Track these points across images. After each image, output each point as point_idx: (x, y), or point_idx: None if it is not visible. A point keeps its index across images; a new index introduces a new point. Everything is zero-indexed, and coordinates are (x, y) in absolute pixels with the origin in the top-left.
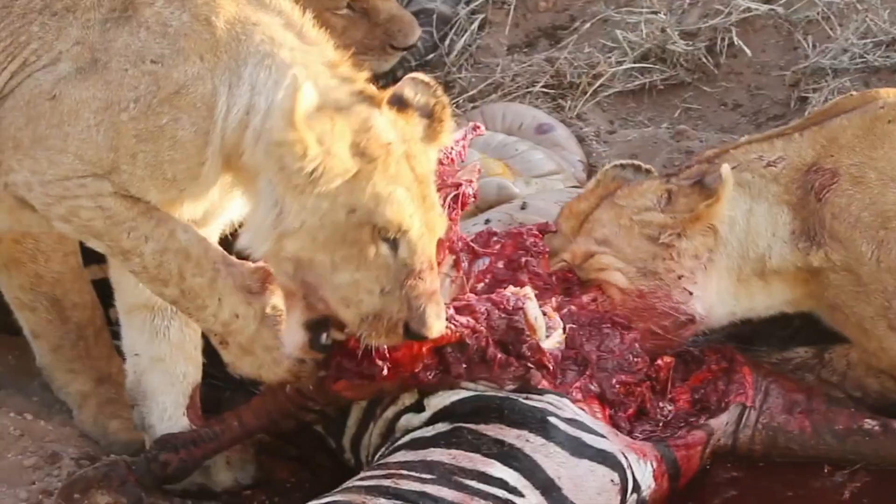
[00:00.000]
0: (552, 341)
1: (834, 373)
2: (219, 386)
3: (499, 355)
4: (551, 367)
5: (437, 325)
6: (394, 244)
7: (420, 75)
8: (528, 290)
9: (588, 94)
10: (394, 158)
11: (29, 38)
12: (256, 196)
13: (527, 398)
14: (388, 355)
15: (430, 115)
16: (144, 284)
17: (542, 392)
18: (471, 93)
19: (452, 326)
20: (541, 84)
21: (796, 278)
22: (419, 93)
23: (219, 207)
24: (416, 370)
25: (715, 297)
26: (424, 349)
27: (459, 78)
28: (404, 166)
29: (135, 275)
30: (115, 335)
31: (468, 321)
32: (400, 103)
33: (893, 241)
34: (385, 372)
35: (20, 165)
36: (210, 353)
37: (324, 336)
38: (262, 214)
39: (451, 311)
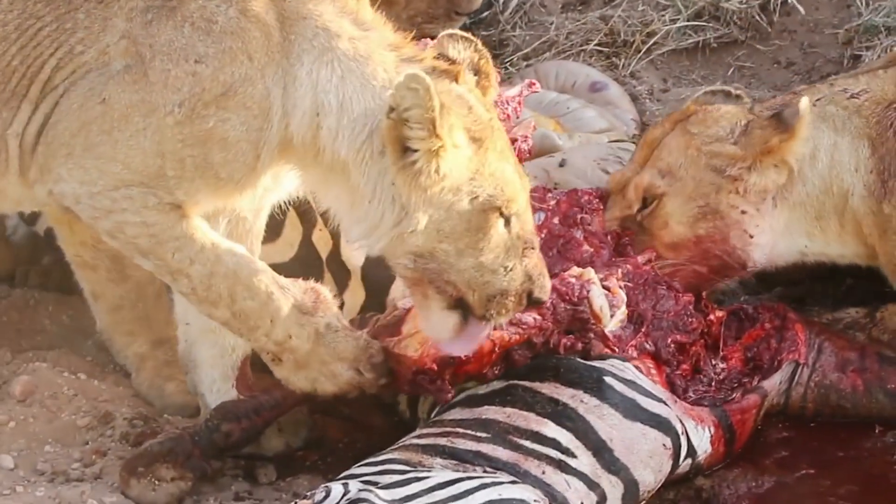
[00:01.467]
0: (616, 320)
1: (885, 331)
2: None
3: (563, 340)
4: (616, 350)
5: (549, 286)
6: (507, 220)
7: (456, 31)
8: (592, 274)
9: (641, 53)
10: (495, 133)
11: (75, 26)
12: (354, 192)
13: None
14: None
15: (475, 71)
16: (195, 306)
17: (604, 357)
18: (524, 51)
19: (521, 330)
20: (594, 42)
21: (870, 230)
22: (460, 49)
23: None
24: (484, 371)
25: (783, 233)
26: (495, 354)
27: (513, 36)
28: (501, 137)
29: (184, 296)
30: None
31: (535, 319)
32: (448, 62)
33: None
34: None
35: (70, 175)
36: None
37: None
38: (376, 212)
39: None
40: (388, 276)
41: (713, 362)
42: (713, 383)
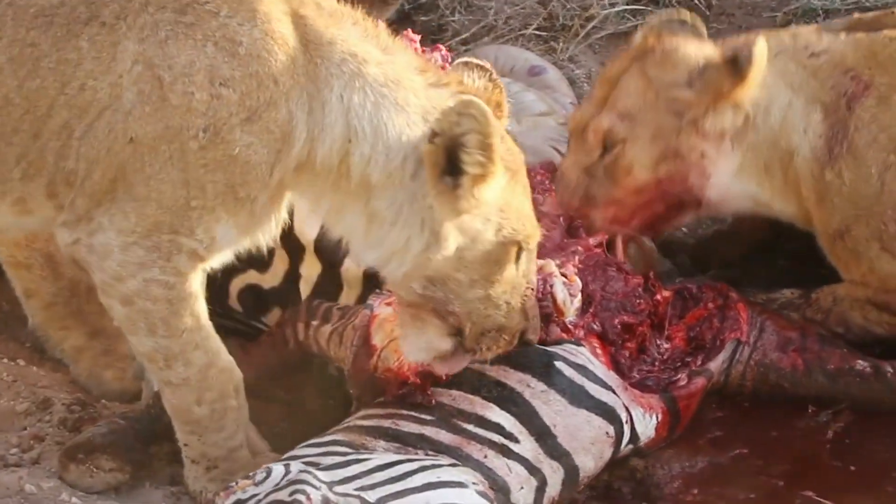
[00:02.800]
0: (574, 307)
1: (819, 311)
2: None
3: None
4: (579, 335)
5: (539, 328)
6: (519, 256)
7: (472, 59)
8: (553, 266)
9: (580, 37)
10: (523, 166)
11: (79, 57)
12: (374, 217)
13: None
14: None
15: (487, 101)
16: (172, 399)
17: (559, 342)
18: (463, 35)
19: None
20: (533, 27)
21: (808, 194)
22: (475, 78)
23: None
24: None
25: (737, 175)
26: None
27: (452, 21)
28: (524, 171)
29: (168, 386)
30: None
31: None
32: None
33: None
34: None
35: (111, 223)
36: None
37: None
38: (399, 237)
39: None
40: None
41: (657, 342)
42: (656, 363)
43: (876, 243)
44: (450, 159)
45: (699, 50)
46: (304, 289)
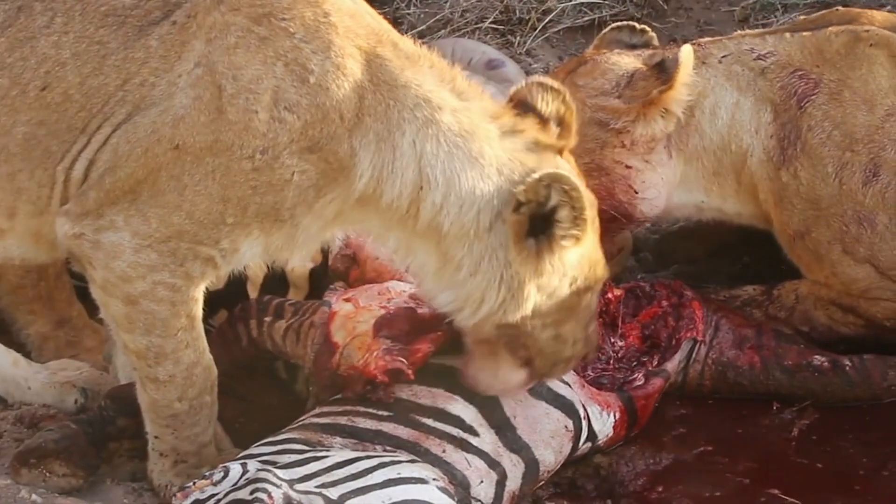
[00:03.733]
0: None
1: (782, 308)
2: None
3: None
4: None
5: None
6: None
7: (546, 79)
8: None
9: (537, 31)
10: (595, 209)
11: (147, 55)
12: (448, 260)
13: None
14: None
15: (559, 122)
16: (154, 394)
17: None
18: (419, 28)
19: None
20: (490, 20)
21: (765, 196)
22: (549, 100)
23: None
24: None
25: (679, 185)
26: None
27: (408, 14)
28: (596, 215)
29: (153, 382)
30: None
31: None
32: (533, 114)
33: (857, 164)
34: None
35: (126, 223)
36: None
37: None
38: (476, 287)
39: None
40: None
41: (612, 340)
42: (611, 361)
43: (838, 245)
44: (533, 223)
45: (632, 60)
46: (252, 290)
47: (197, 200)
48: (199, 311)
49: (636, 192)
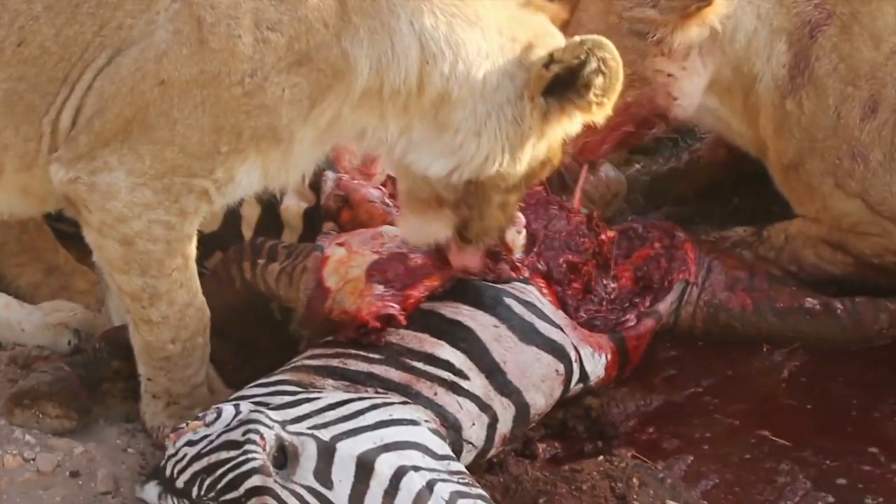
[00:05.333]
0: (518, 245)
1: (771, 249)
2: None
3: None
4: (525, 274)
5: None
6: None
7: None
8: None
9: None
10: None
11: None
12: (446, 129)
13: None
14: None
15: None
16: (148, 335)
17: (508, 280)
18: None
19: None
20: None
21: (766, 122)
22: None
23: None
24: None
25: (704, 91)
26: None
27: None
28: None
29: (147, 324)
30: None
31: None
32: None
33: (857, 100)
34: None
35: (121, 163)
36: None
37: None
38: (479, 148)
39: None
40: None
41: (604, 282)
42: (604, 303)
43: (830, 178)
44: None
45: None
46: (246, 231)
47: (189, 133)
48: (192, 250)
49: (675, 99)
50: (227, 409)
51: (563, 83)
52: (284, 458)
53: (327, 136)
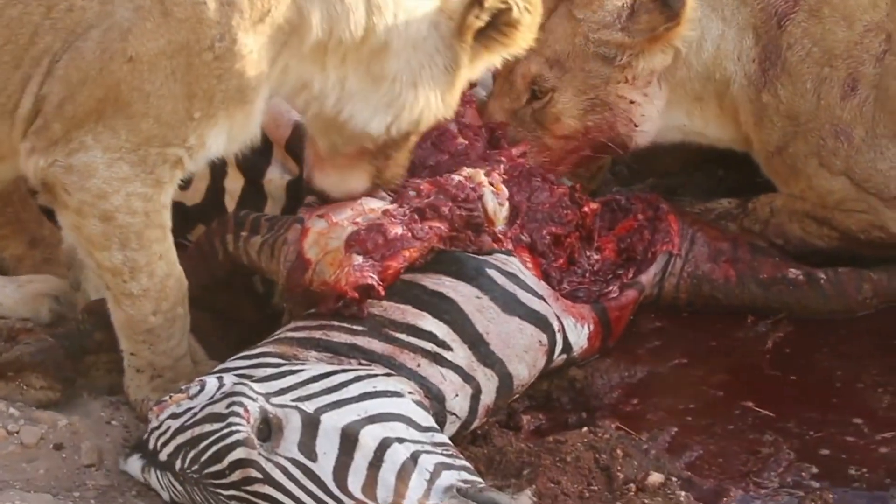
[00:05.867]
0: (501, 217)
1: (756, 221)
2: None
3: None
4: (508, 246)
5: None
6: None
7: None
8: (482, 176)
9: None
10: None
11: None
12: (381, 80)
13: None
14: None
15: None
16: (129, 309)
17: (490, 252)
18: None
19: (424, 243)
20: None
21: (746, 118)
22: None
23: None
24: None
25: (664, 111)
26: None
27: None
28: None
29: (128, 297)
30: None
31: (433, 228)
32: None
33: (835, 80)
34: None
35: (95, 140)
36: None
37: None
38: (415, 97)
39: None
40: (263, 161)
41: (588, 254)
42: (587, 275)
43: (814, 159)
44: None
45: None
46: (230, 203)
47: (162, 104)
48: (169, 220)
49: (636, 126)
50: (211, 382)
51: (489, 24)
52: (268, 430)
53: (274, 91)
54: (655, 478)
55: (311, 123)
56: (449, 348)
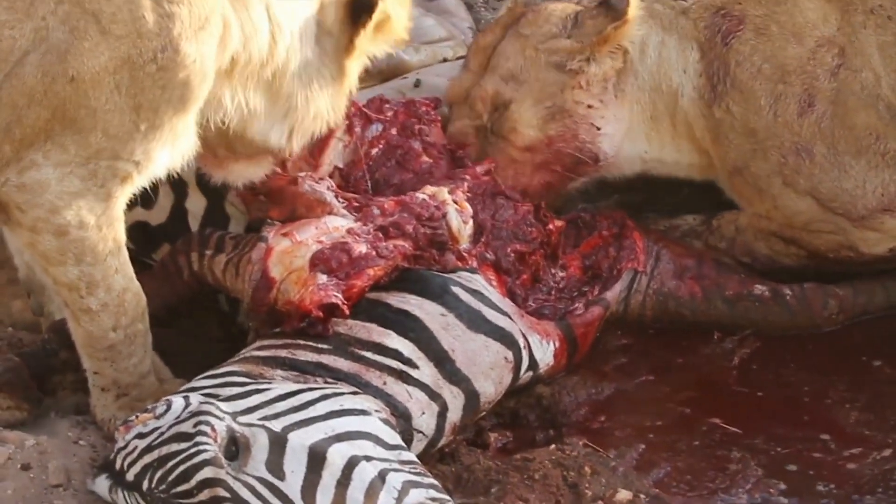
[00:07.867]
0: (465, 235)
1: (722, 239)
2: None
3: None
4: (473, 264)
5: None
6: None
7: None
8: (446, 194)
9: None
10: None
11: None
12: (280, 96)
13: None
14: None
15: None
16: (89, 326)
17: (454, 270)
18: None
19: (388, 261)
20: None
21: (702, 134)
22: None
23: None
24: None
25: (625, 133)
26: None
27: None
28: None
29: (87, 313)
30: None
31: (398, 246)
32: None
33: (791, 95)
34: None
35: (46, 157)
36: None
37: None
38: (315, 108)
39: (382, 240)
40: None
41: (552, 271)
42: (553, 292)
43: (778, 178)
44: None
45: (569, 4)
46: (193, 224)
47: (109, 118)
48: (123, 234)
49: (598, 129)
50: (177, 401)
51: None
52: (236, 449)
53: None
54: (623, 495)
55: (208, 135)
56: (415, 366)
